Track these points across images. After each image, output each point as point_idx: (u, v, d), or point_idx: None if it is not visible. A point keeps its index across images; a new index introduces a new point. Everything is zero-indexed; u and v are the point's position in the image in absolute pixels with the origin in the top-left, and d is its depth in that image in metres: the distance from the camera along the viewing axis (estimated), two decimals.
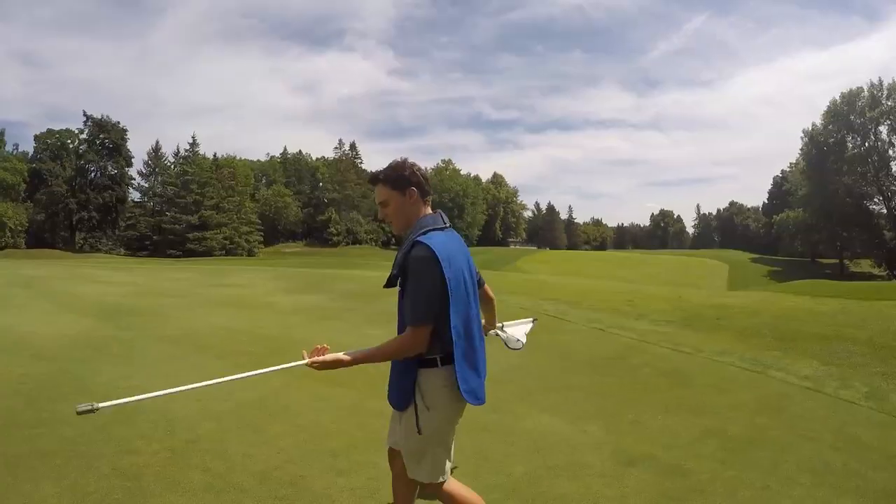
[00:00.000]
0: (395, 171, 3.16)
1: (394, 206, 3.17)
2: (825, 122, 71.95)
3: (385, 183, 3.16)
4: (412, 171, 3.17)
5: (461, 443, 4.97)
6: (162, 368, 8.02)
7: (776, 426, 5.71)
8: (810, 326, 10.87)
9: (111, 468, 4.58)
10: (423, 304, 2.95)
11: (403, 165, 3.17)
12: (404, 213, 3.18)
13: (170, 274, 26.78)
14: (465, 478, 4.23)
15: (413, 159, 3.28)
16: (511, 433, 5.44)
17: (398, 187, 3.14)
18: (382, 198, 3.18)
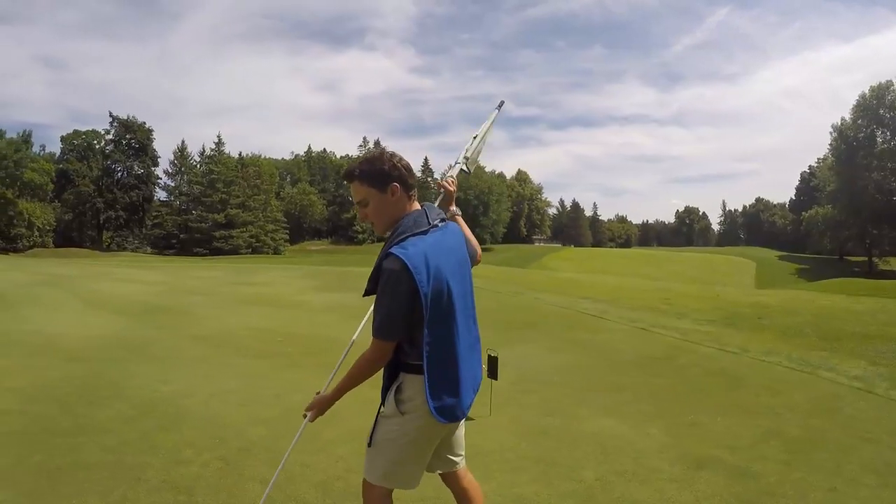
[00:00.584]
0: (374, 165, 2.80)
1: (374, 206, 2.83)
2: (854, 117, 71.20)
3: (362, 180, 2.81)
4: (392, 163, 2.82)
5: (523, 449, 5.04)
6: (200, 370, 7.81)
7: (833, 427, 5.70)
8: (852, 326, 10.86)
9: (161, 480, 4.32)
10: (386, 320, 2.71)
11: (382, 158, 2.83)
12: (386, 213, 2.85)
13: (197, 272, 26.87)
14: (537, 484, 4.34)
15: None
16: (574, 437, 5.37)
17: (378, 184, 2.79)
18: (360, 197, 2.83)
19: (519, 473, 4.52)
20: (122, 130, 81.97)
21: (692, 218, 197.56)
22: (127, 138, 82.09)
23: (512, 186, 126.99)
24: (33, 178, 68.57)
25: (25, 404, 6.08)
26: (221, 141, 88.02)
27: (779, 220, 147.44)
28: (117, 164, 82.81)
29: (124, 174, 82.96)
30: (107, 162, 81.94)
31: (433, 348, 2.73)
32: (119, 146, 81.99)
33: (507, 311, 13.17)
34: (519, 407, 6.23)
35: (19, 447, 4.90)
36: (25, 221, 67.15)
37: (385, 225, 2.85)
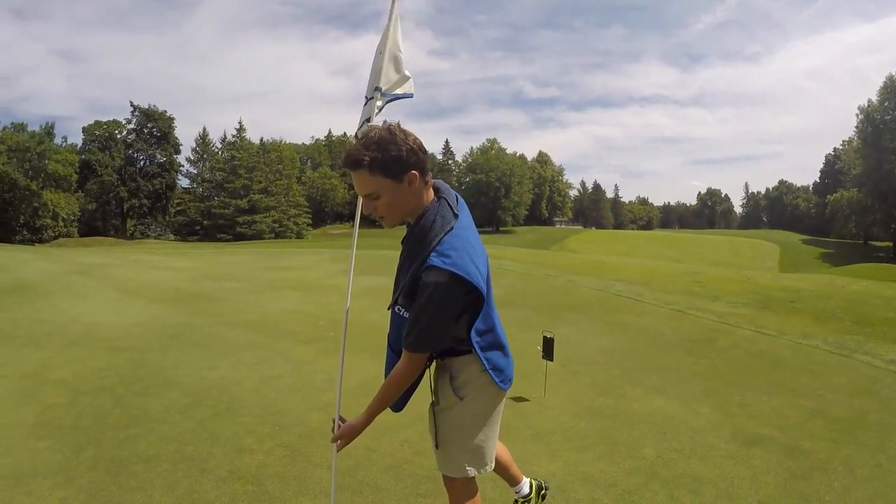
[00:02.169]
0: (387, 151, 2.34)
1: (388, 199, 2.42)
2: (881, 99, 70.24)
3: (373, 169, 2.35)
4: (409, 146, 2.39)
5: (583, 428, 5.22)
6: (246, 356, 7.77)
7: (874, 409, 5.88)
8: (885, 311, 10.99)
9: (226, 471, 4.30)
10: (428, 334, 2.47)
11: (395, 140, 2.36)
12: (403, 206, 2.47)
13: (226, 258, 26.71)
14: (601, 462, 4.51)
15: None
16: (629, 416, 5.54)
17: (392, 173, 2.37)
18: (370, 189, 2.40)
19: (583, 452, 4.68)
20: (143, 119, 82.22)
21: (714, 200, 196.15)
22: (148, 127, 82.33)
23: (533, 168, 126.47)
24: (57, 169, 68.88)
25: (73, 396, 6.04)
26: (243, 127, 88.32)
27: (802, 204, 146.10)
28: (139, 153, 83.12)
29: (147, 163, 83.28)
30: (129, 151, 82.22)
31: (483, 330, 2.63)
32: (141, 135, 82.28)
33: (544, 294, 13.26)
34: (571, 388, 6.39)
35: (73, 441, 4.86)
36: (50, 212, 67.31)
37: (399, 219, 2.54)
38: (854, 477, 4.35)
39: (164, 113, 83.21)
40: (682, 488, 4.11)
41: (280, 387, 6.41)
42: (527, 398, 5.97)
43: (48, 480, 4.17)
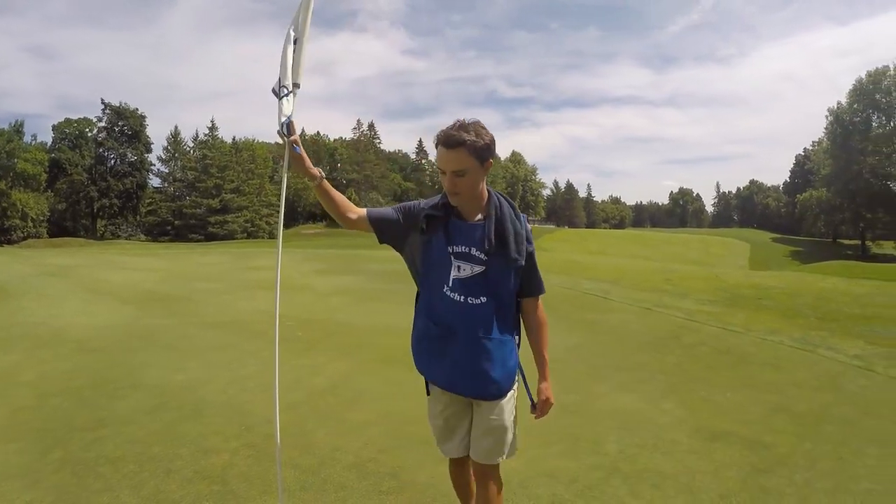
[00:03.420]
0: (481, 137, 2.67)
1: (471, 178, 2.70)
2: (850, 101, 71.32)
3: (469, 150, 2.65)
4: (492, 137, 2.73)
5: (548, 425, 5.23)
6: (215, 357, 7.73)
7: (837, 403, 5.96)
8: (850, 307, 11.13)
9: (193, 471, 4.29)
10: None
11: (485, 130, 2.71)
12: (476, 185, 2.76)
13: (198, 258, 26.63)
14: (565, 458, 4.53)
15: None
16: (594, 413, 5.56)
17: (481, 157, 2.69)
18: (461, 166, 2.67)
19: (545, 448, 4.68)
20: (114, 118, 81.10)
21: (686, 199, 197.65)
22: (119, 125, 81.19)
23: (506, 167, 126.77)
24: (26, 168, 67.99)
25: (41, 398, 6.00)
26: (215, 126, 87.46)
27: (772, 203, 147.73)
28: (110, 152, 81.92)
29: (117, 161, 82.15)
30: (99, 150, 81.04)
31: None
32: (112, 134, 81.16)
33: None
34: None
35: (40, 443, 4.83)
36: (19, 212, 66.55)
37: (468, 197, 2.78)
38: (816, 470, 4.40)
39: (135, 111, 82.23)
40: (643, 483, 4.13)
41: (247, 387, 6.38)
42: None
43: (15, 483, 4.13)
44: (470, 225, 2.80)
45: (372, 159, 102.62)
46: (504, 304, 2.81)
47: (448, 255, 2.77)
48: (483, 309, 2.74)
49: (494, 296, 2.76)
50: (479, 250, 2.75)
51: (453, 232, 2.79)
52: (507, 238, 2.77)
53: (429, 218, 2.82)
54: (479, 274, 2.74)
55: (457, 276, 2.74)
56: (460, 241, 2.77)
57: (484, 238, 2.75)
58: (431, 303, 2.83)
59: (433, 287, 2.82)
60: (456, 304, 2.74)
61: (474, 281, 2.74)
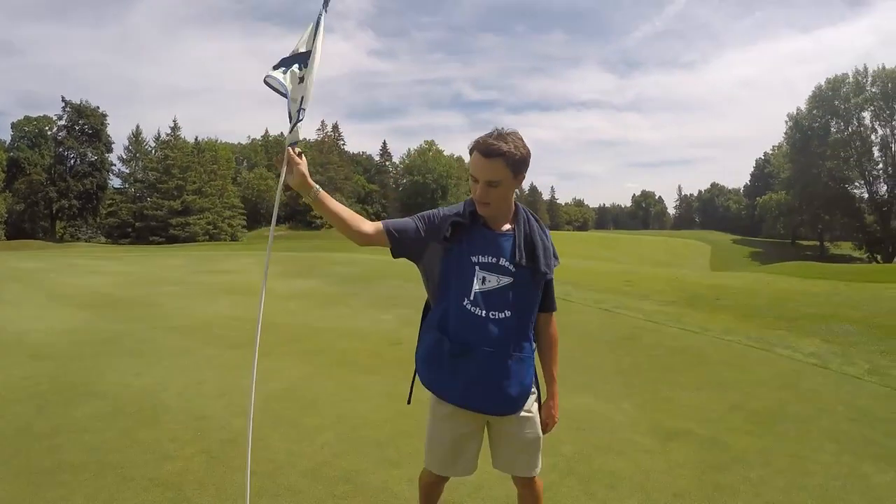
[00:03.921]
0: (520, 149, 2.60)
1: (503, 190, 2.64)
2: (810, 107, 72.67)
3: (507, 161, 2.58)
4: (530, 152, 2.67)
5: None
6: (174, 362, 7.67)
7: (794, 400, 6.03)
8: (807, 307, 11.25)
9: (147, 478, 4.24)
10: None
11: (524, 144, 2.64)
12: (507, 198, 2.71)
13: (159, 261, 26.30)
14: None
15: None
16: None
17: (516, 169, 2.62)
18: (496, 176, 2.60)
19: None
20: (74, 116, 79.37)
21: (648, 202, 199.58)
22: (80, 124, 79.56)
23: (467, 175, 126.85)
24: None
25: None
26: (177, 125, 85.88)
27: (733, 205, 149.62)
28: (70, 151, 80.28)
29: (77, 161, 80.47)
30: (59, 149, 79.43)
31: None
32: (72, 132, 79.44)
33: None
34: None
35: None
36: None
37: (497, 208, 2.71)
38: (771, 468, 4.44)
39: (96, 109, 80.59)
40: (597, 483, 4.12)
41: (205, 392, 6.32)
42: None
43: None
44: (498, 234, 2.71)
45: (336, 161, 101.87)
46: (526, 320, 2.70)
47: (472, 265, 2.65)
48: (505, 324, 2.61)
49: (517, 310, 2.65)
50: (508, 261, 2.66)
51: (480, 241, 2.68)
52: (536, 251, 2.71)
53: (455, 225, 2.68)
54: (505, 286, 2.64)
55: (480, 289, 2.62)
56: (487, 251, 2.66)
57: (514, 249, 2.67)
58: (447, 316, 2.67)
59: (451, 299, 2.65)
60: (476, 319, 2.60)
61: (498, 294, 2.63)
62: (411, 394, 3.00)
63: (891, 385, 6.60)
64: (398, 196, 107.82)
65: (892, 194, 68.45)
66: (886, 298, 11.83)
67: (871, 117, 69.24)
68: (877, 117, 68.77)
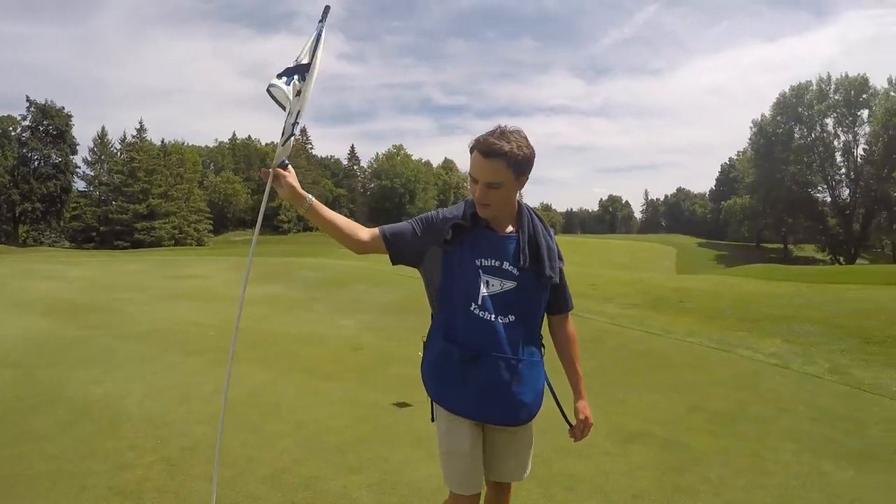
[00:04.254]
0: (523, 150, 2.48)
1: (504, 192, 2.52)
2: (774, 114, 73.80)
3: (509, 162, 2.46)
4: (533, 151, 2.54)
5: None
6: (135, 369, 7.55)
7: (754, 400, 6.09)
8: (769, 308, 11.36)
9: (106, 487, 4.18)
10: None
11: (528, 143, 2.52)
12: (508, 200, 2.60)
13: (123, 267, 25.79)
14: None
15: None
16: None
17: (519, 171, 2.50)
18: (497, 178, 2.48)
19: None
20: (39, 116, 77.77)
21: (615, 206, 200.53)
22: (45, 125, 78.09)
23: (438, 175, 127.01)
24: None
25: None
26: (143, 127, 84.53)
27: (699, 209, 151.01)
28: (34, 153, 78.95)
29: (41, 163, 79.05)
30: (23, 150, 78.01)
31: None
32: (36, 133, 77.81)
33: None
34: None
35: None
36: None
37: (498, 211, 2.59)
38: (730, 468, 4.46)
39: (61, 109, 79.03)
40: (557, 486, 4.11)
41: (165, 399, 6.24)
42: (411, 403, 5.94)
43: None
44: (502, 237, 2.60)
45: (303, 165, 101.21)
46: (532, 323, 2.62)
47: (476, 268, 2.53)
48: (513, 328, 2.52)
49: (524, 314, 2.56)
50: (512, 265, 2.55)
51: (483, 244, 2.57)
52: (541, 253, 2.60)
53: (455, 228, 2.56)
54: (509, 290, 2.53)
55: (486, 293, 2.51)
56: (491, 255, 2.55)
57: (518, 252, 2.56)
58: (453, 322, 2.56)
59: (457, 305, 2.54)
60: (484, 324, 2.49)
61: (503, 298, 2.52)
62: (433, 411, 2.75)
63: (851, 384, 6.69)
64: (366, 200, 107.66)
65: (854, 198, 69.72)
66: (847, 299, 11.95)
67: (833, 123, 70.65)
68: (839, 124, 70.18)
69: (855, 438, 5.11)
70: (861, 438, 5.12)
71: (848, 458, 4.64)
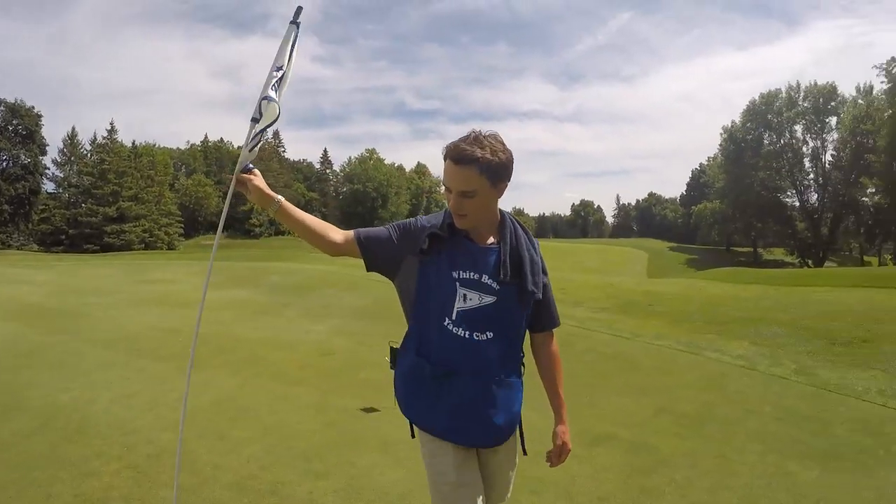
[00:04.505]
0: (498, 155, 2.32)
1: (480, 201, 2.36)
2: (744, 120, 75.36)
3: (482, 169, 2.30)
4: (511, 158, 2.40)
5: None
6: (101, 375, 7.43)
7: (721, 402, 6.13)
8: (737, 311, 11.43)
9: (72, 495, 4.14)
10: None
11: (504, 148, 2.37)
12: (485, 209, 2.43)
13: (91, 270, 25.44)
14: None
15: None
16: None
17: (494, 178, 2.35)
18: (470, 186, 2.32)
19: None
20: (8, 115, 76.35)
21: (587, 211, 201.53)
22: (14, 124, 76.82)
23: (411, 179, 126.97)
24: None
25: None
26: (114, 128, 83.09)
27: (670, 214, 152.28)
28: (2, 153, 77.56)
29: (9, 164, 77.83)
30: None
31: None
32: (5, 133, 76.32)
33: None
34: None
35: None
36: None
37: (476, 221, 2.43)
38: (697, 469, 4.48)
39: (30, 109, 77.75)
40: (522, 490, 4.05)
41: (132, 406, 6.18)
42: (378, 409, 5.93)
43: None
44: (482, 248, 2.44)
45: (276, 168, 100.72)
46: (511, 341, 2.46)
47: (453, 281, 2.38)
48: (489, 346, 2.37)
49: (502, 331, 2.41)
50: (491, 278, 2.39)
51: (461, 255, 2.41)
52: (523, 267, 2.44)
53: (432, 237, 2.41)
54: (488, 305, 2.38)
55: (462, 307, 2.37)
56: (469, 267, 2.40)
57: (499, 264, 2.40)
58: (426, 338, 2.43)
59: (431, 319, 2.41)
60: (458, 340, 2.36)
61: (481, 313, 2.38)
62: (412, 427, 2.59)
63: (817, 384, 6.75)
64: (338, 205, 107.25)
65: (822, 203, 71.13)
66: (814, 301, 12.06)
67: (802, 130, 72.49)
68: (808, 130, 71.94)
69: (821, 438, 5.15)
70: (827, 438, 5.17)
71: (814, 458, 4.68)
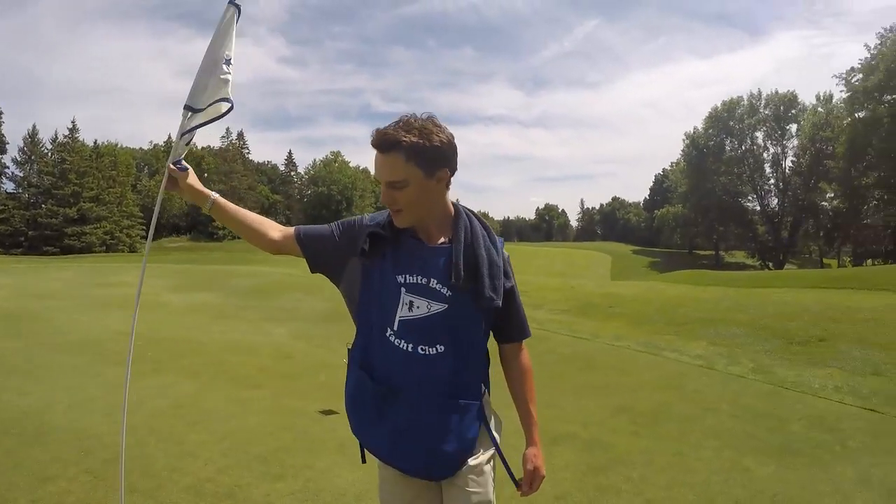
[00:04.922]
0: (427, 138, 2.02)
1: (413, 192, 2.04)
2: (706, 127, 76.88)
3: (409, 155, 2.01)
4: (449, 140, 2.09)
5: None
6: (60, 380, 7.33)
7: (678, 401, 6.19)
8: (697, 312, 11.55)
9: (29, 500, 4.08)
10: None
11: (438, 130, 2.07)
12: (424, 203, 2.09)
13: (50, 273, 24.82)
14: None
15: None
16: None
17: (426, 165, 2.03)
18: (397, 175, 2.03)
19: None
20: None
21: (551, 215, 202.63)
22: None
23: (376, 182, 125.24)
24: None
25: None
26: (76, 127, 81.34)
27: (633, 218, 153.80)
28: None
29: None
30: None
31: None
32: None
33: None
34: None
35: None
36: None
37: (415, 218, 2.11)
38: (653, 466, 4.51)
39: None
40: None
41: (91, 410, 6.07)
42: (336, 411, 5.89)
43: None
44: (431, 249, 2.12)
45: (240, 170, 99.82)
46: (466, 356, 2.12)
47: (397, 286, 2.07)
48: (438, 361, 2.06)
49: (455, 344, 2.08)
50: (441, 283, 2.06)
51: (407, 257, 2.10)
52: (479, 269, 2.09)
53: (373, 237, 2.12)
54: (437, 314, 2.05)
55: (405, 317, 2.05)
56: (416, 270, 2.08)
57: (450, 266, 2.06)
58: (369, 350, 2.14)
59: (373, 329, 2.12)
60: (400, 354, 2.06)
61: (430, 323, 2.05)
62: (363, 451, 2.31)
63: (774, 382, 6.88)
64: (302, 207, 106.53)
65: (782, 207, 72.55)
66: (772, 302, 12.23)
67: (763, 137, 74.23)
68: (769, 137, 73.69)
69: (777, 434, 5.23)
70: (783, 434, 5.25)
71: (769, 454, 4.75)
